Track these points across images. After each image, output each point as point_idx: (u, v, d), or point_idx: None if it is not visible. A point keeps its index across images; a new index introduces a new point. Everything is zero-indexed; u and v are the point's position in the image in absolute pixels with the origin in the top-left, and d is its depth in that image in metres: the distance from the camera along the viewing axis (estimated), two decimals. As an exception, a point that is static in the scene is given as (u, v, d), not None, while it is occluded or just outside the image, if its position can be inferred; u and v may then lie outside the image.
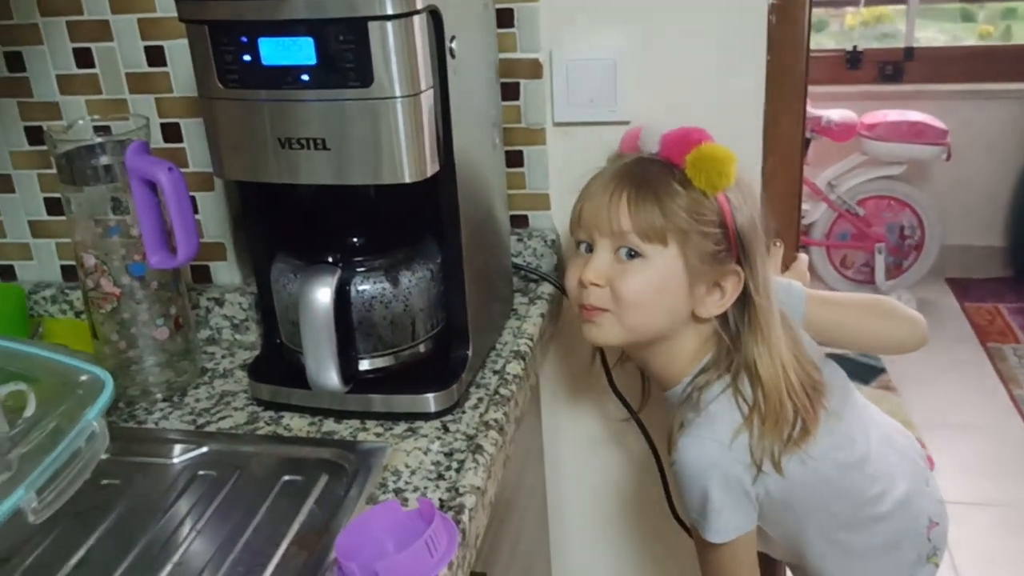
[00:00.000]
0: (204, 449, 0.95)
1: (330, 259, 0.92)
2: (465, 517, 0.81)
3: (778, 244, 1.16)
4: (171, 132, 1.09)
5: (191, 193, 1.08)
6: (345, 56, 0.82)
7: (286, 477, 0.92)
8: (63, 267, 1.19)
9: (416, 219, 0.99)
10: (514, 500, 1.13)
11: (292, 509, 0.87)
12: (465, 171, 0.94)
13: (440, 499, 0.85)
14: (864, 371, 2.88)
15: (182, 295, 1.04)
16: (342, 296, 0.92)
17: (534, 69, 1.16)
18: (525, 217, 1.24)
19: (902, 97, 3.29)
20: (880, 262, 3.25)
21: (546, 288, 1.21)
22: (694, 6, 1.12)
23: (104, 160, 0.95)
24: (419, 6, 0.82)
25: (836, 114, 3.09)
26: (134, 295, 0.99)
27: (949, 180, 3.35)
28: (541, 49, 1.15)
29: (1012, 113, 3.31)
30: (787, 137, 1.22)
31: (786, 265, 1.21)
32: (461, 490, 0.84)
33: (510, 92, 1.16)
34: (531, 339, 1.10)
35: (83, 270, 0.99)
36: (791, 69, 1.17)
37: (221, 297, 1.14)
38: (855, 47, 3.36)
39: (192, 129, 1.08)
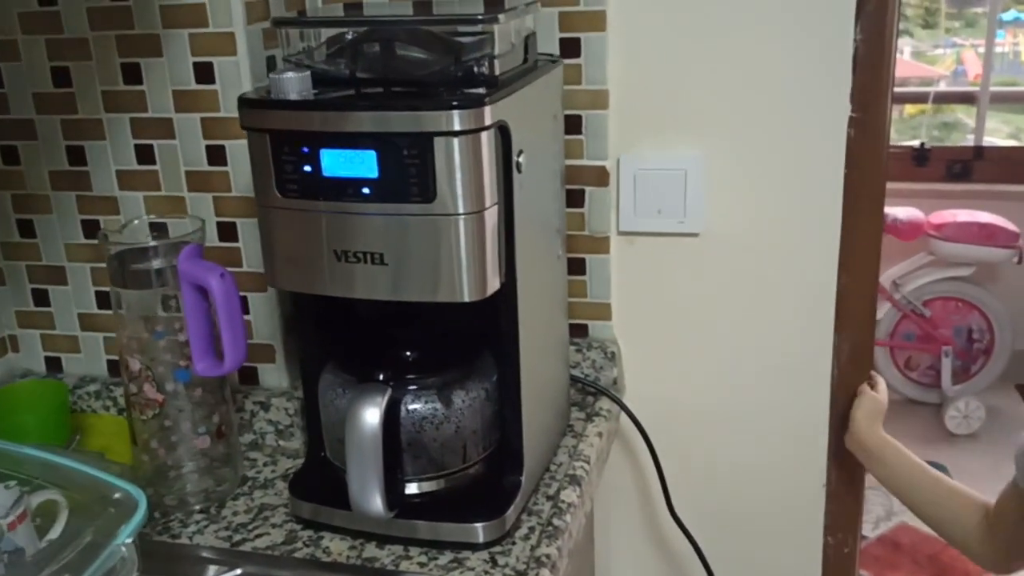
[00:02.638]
0: (238, 572, 0.90)
1: (381, 376, 0.87)
2: (514, 673, 0.74)
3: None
4: (227, 231, 1.07)
5: (243, 293, 1.06)
6: (408, 171, 0.79)
7: (323, 608, 0.86)
8: (109, 362, 1.17)
9: (472, 334, 0.94)
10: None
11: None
12: (527, 285, 0.90)
13: (487, 648, 0.78)
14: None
15: (227, 402, 1.00)
16: (391, 416, 0.87)
17: (600, 177, 1.12)
18: (585, 327, 1.19)
19: (971, 196, 3.20)
20: (947, 365, 3.12)
21: (604, 403, 1.15)
22: (770, 118, 1.07)
23: (156, 264, 0.93)
24: (487, 122, 0.78)
25: (902, 212, 3.01)
26: (177, 402, 0.96)
27: (1020, 283, 3.23)
28: (608, 157, 1.12)
29: (1086, 216, 3.19)
30: (863, 252, 1.15)
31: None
32: (510, 640, 0.77)
33: (575, 199, 1.13)
34: (588, 461, 1.04)
35: (127, 373, 0.96)
36: (870, 184, 1.12)
37: (267, 401, 1.10)
38: (922, 144, 3.30)
39: (248, 229, 1.06)
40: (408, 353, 0.92)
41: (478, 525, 0.90)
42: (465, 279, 0.82)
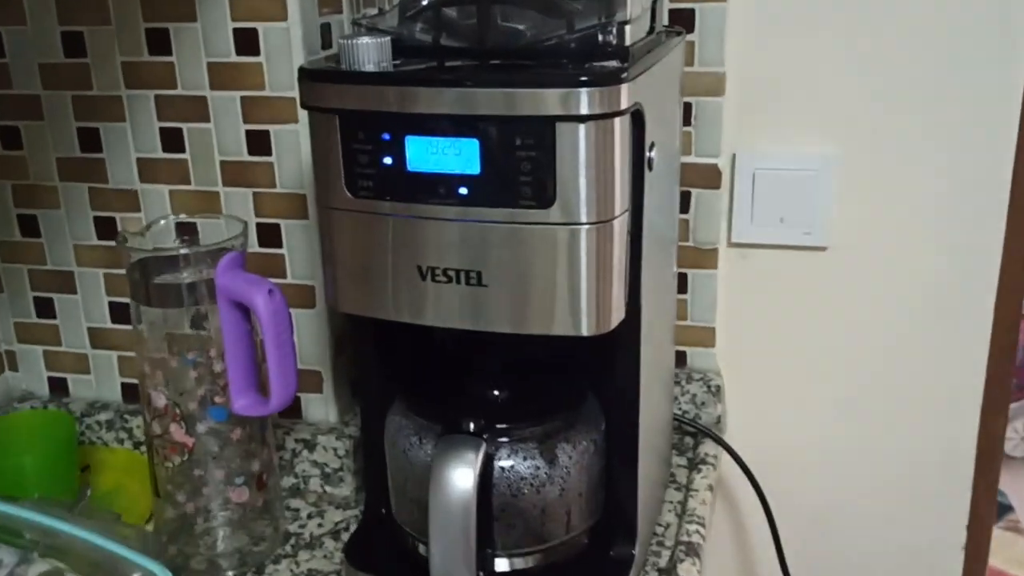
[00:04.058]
0: (284, 664, 0.72)
1: (472, 425, 0.69)
2: None
3: None
4: (269, 235, 0.89)
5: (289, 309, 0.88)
6: (521, 167, 0.61)
7: None
8: (125, 385, 0.99)
9: (577, 371, 0.76)
10: None
11: None
12: (649, 313, 0.72)
13: None
14: (993, 509, 2.56)
15: (268, 445, 0.82)
16: (485, 476, 0.69)
17: (711, 177, 0.94)
18: (683, 354, 1.01)
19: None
20: (1006, 383, 2.92)
21: (709, 448, 0.97)
22: (924, 115, 0.89)
23: (187, 276, 0.75)
24: (624, 104, 0.60)
25: None
26: (211, 446, 0.78)
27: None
28: (721, 153, 0.94)
29: None
30: (1014, 277, 0.97)
31: None
32: None
33: (680, 203, 0.94)
34: (703, 524, 0.86)
35: (149, 410, 0.78)
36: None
37: (312, 439, 0.92)
38: None
39: (295, 233, 0.88)
40: (501, 394, 0.74)
41: (582, 609, 0.72)
42: (585, 308, 0.64)
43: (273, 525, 0.85)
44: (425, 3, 0.68)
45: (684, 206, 0.95)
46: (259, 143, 0.87)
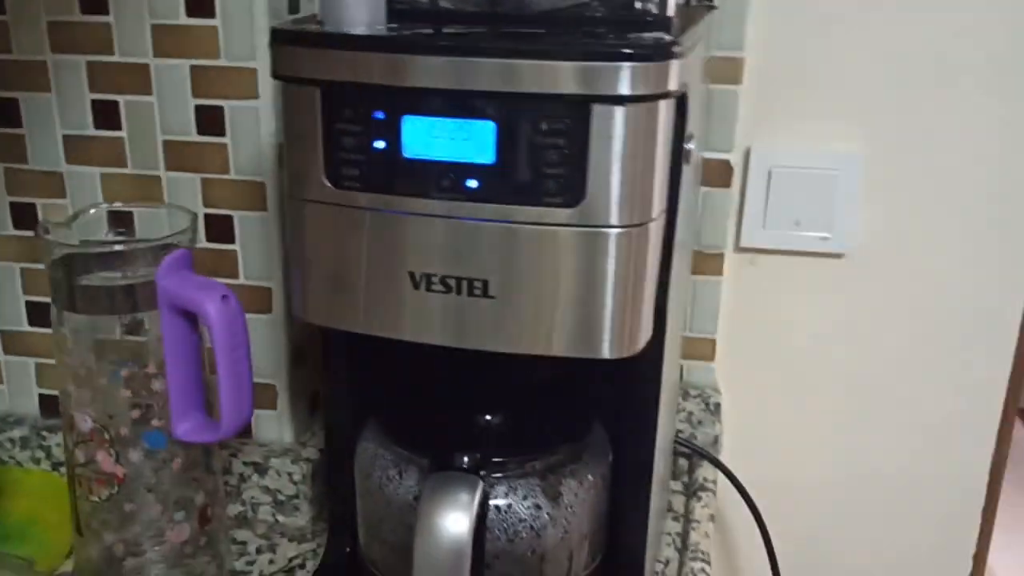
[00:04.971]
0: None
1: (466, 460, 0.58)
2: None
3: None
4: (220, 228, 0.76)
5: (239, 316, 0.76)
6: (546, 157, 0.50)
7: None
8: (43, 397, 0.85)
9: (583, 396, 0.66)
10: None
11: None
12: (672, 331, 0.62)
13: None
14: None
15: (215, 473, 0.70)
16: (479, 520, 0.58)
17: (722, 174, 0.85)
18: (679, 368, 0.91)
19: None
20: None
21: (708, 472, 0.87)
22: (958, 114, 0.81)
23: (121, 277, 0.62)
24: (672, 85, 0.50)
25: None
26: (146, 478, 0.65)
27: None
28: (735, 148, 0.84)
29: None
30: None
31: None
32: None
33: (688, 204, 0.85)
34: (708, 561, 0.76)
35: (72, 434, 0.65)
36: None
37: (264, 462, 0.80)
38: None
39: (251, 227, 0.76)
40: (495, 423, 0.63)
41: (584, 668, 0.62)
42: (608, 326, 0.53)
43: (216, 562, 0.72)
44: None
45: (687, 206, 0.86)
46: (211, 121, 0.74)
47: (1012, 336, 0.86)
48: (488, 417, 0.63)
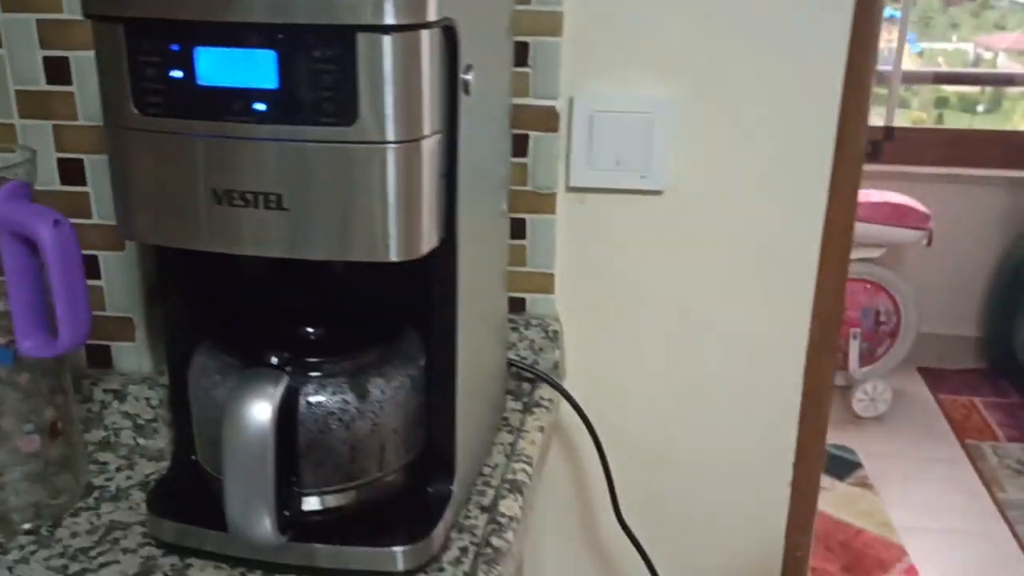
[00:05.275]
0: (75, 620, 0.67)
1: (275, 359, 0.65)
2: None
3: None
4: (72, 171, 0.82)
5: (94, 252, 0.83)
6: (320, 80, 0.57)
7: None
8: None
9: (393, 305, 0.74)
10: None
11: None
12: (469, 245, 0.70)
13: None
14: (839, 465, 2.70)
15: (65, 391, 0.76)
16: (288, 412, 0.65)
17: (548, 120, 0.93)
18: (522, 300, 0.99)
19: (879, 177, 3.15)
20: (855, 348, 3.07)
21: (545, 392, 0.96)
22: (758, 61, 0.89)
23: (-37, 204, 0.68)
24: (431, 16, 0.58)
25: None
26: (-5, 391, 0.72)
27: (927, 265, 3.21)
28: (560, 95, 0.92)
29: (992, 200, 3.20)
30: (842, 220, 1.00)
31: None
32: None
33: (517, 147, 0.92)
34: (530, 463, 0.85)
35: (-78, 353, 0.71)
36: (852, 142, 0.96)
37: (123, 389, 0.86)
38: (835, 123, 3.23)
39: (100, 168, 0.82)
40: (310, 329, 0.71)
41: (397, 549, 0.70)
42: (393, 232, 0.61)
43: (75, 478, 0.79)
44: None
45: (522, 150, 0.94)
46: (58, 71, 0.80)
47: (813, 258, 0.95)
48: (303, 324, 0.71)
